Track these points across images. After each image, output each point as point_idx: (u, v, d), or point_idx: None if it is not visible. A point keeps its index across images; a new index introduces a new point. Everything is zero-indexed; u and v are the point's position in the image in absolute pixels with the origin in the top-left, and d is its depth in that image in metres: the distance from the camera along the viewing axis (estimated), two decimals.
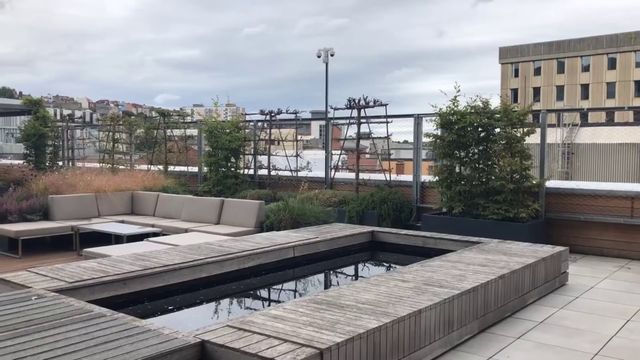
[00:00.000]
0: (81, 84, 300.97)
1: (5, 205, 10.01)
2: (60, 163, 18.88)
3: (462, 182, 9.91)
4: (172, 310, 6.19)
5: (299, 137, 14.11)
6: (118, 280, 5.89)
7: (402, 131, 12.42)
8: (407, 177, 11.98)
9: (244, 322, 4.39)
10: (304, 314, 4.62)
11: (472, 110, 9.89)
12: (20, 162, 20.78)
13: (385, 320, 4.41)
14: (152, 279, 6.18)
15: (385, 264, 9.06)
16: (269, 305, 6.67)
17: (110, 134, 17.06)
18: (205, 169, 14.11)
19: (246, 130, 14.29)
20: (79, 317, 4.51)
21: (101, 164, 16.61)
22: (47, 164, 18.89)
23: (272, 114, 13.61)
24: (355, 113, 11.96)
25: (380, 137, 11.96)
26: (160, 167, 15.42)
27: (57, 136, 19.35)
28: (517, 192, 9.34)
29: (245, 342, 3.93)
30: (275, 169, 13.63)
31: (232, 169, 13.67)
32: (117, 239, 9.39)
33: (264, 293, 7.38)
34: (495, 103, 10.11)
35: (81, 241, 9.65)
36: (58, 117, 20.30)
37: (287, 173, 13.32)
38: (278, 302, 6.66)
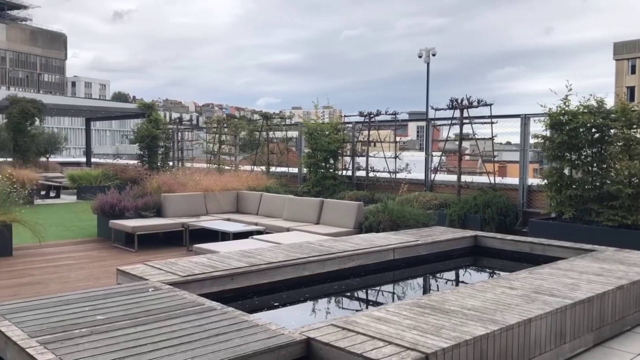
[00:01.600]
0: (188, 88, 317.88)
1: (123, 202, 10.78)
2: (171, 163, 20.05)
3: (573, 186, 9.36)
4: (276, 307, 6.36)
5: (397, 139, 14.00)
6: (226, 276, 6.15)
7: (506, 132, 11.96)
8: (513, 180, 11.50)
9: (348, 322, 4.42)
10: (407, 317, 4.58)
11: (585, 110, 9.31)
12: (135, 162, 22.33)
13: (492, 328, 4.26)
14: (258, 276, 6.40)
15: (489, 270, 8.76)
16: (369, 306, 6.67)
17: (217, 136, 17.86)
18: (304, 170, 14.39)
19: (344, 132, 14.41)
20: (192, 310, 4.76)
21: (208, 165, 17.43)
22: (159, 164, 20.15)
23: (371, 115, 13.61)
24: (457, 113, 11.67)
25: (484, 139, 11.59)
26: (263, 167, 15.93)
27: (168, 138, 20.58)
28: (636, 197, 8.68)
29: (349, 342, 3.96)
30: (374, 171, 13.61)
31: (331, 170, 13.83)
32: (224, 236, 9.80)
33: (364, 294, 7.40)
34: (610, 102, 9.47)
35: (190, 237, 10.18)
36: (168, 120, 21.55)
37: (385, 175, 13.26)
38: (378, 304, 6.64)
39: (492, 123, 11.28)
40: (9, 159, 20.10)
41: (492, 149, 11.73)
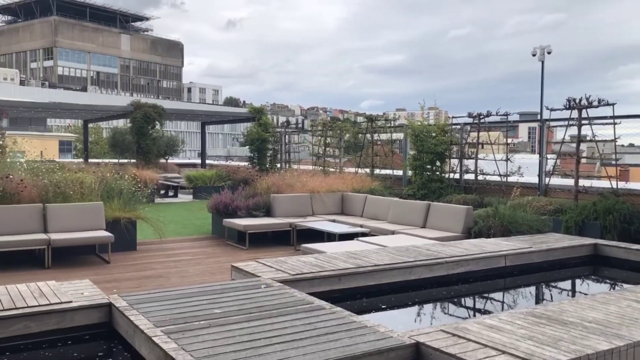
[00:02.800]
0: (295, 92, 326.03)
1: (235, 202, 11.28)
2: (279, 165, 20.66)
3: None
4: (383, 309, 6.36)
5: (508, 140, 13.44)
6: (334, 276, 6.24)
7: (630, 133, 11.09)
8: (638, 185, 10.64)
9: (458, 328, 4.33)
10: (522, 326, 4.39)
11: None
12: (245, 163, 23.27)
13: (618, 344, 3.98)
14: (365, 277, 6.43)
15: (610, 281, 8.17)
16: (479, 314, 6.46)
17: (322, 138, 18.16)
18: (409, 172, 14.23)
19: (452, 133, 14.07)
20: (302, 308, 4.88)
21: (314, 166, 17.76)
22: (268, 165, 20.85)
23: (481, 117, 13.18)
24: (574, 114, 10.99)
25: (606, 140, 10.81)
26: (367, 170, 15.96)
27: (276, 140, 21.22)
28: None
29: (460, 349, 3.87)
30: (483, 174, 13.17)
31: (437, 173, 13.55)
32: (330, 236, 9.95)
33: (473, 301, 7.18)
34: None
35: (297, 237, 10.44)
36: (277, 124, 22.22)
37: (496, 178, 12.77)
38: (488, 312, 6.42)
39: (614, 124, 10.50)
40: (133, 160, 21.70)
41: (614, 152, 10.91)
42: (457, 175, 13.72)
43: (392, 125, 16.84)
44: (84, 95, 69.73)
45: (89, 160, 26.38)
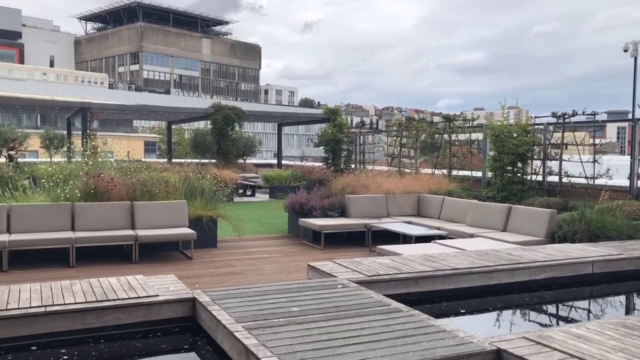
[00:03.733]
0: (369, 93, 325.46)
1: (311, 202, 11.41)
2: (353, 165, 20.68)
3: None
4: (462, 314, 6.23)
5: (595, 141, 12.76)
6: (410, 279, 6.18)
7: None
8: None
9: (542, 336, 4.17)
10: (612, 337, 4.17)
11: None
12: (319, 164, 23.47)
13: None
14: (442, 281, 6.32)
15: None
16: (564, 322, 6.19)
17: (397, 139, 18.01)
18: (489, 173, 13.83)
19: (534, 134, 13.53)
20: (379, 309, 4.87)
21: (389, 167, 17.65)
22: (342, 166, 20.93)
23: (565, 116, 12.60)
24: None
25: None
26: (444, 171, 15.67)
27: (351, 141, 21.26)
28: None
29: (545, 358, 3.73)
30: (568, 176, 12.58)
31: (518, 175, 13.08)
32: (405, 238, 9.85)
33: (556, 309, 6.88)
34: None
35: (372, 238, 10.41)
36: (351, 124, 22.23)
37: (582, 180, 12.17)
38: (574, 320, 6.13)
39: None
40: (213, 160, 22.43)
41: None
42: (539, 177, 13.20)
43: (470, 125, 16.41)
44: (167, 98, 72.92)
45: (172, 160, 27.54)
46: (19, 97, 32.51)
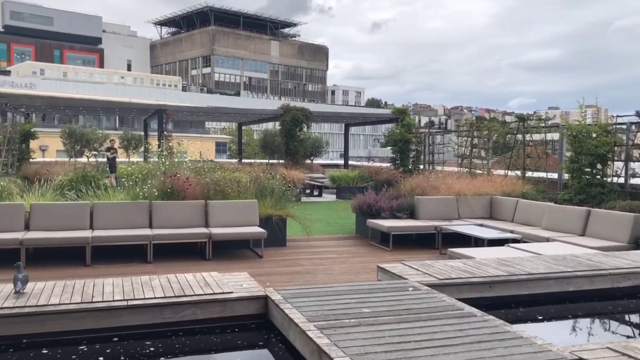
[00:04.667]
0: (437, 92, 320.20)
1: (379, 203, 11.36)
2: (422, 166, 20.40)
3: None
4: (538, 320, 6.01)
5: None
6: (484, 283, 6.03)
7: None
8: None
9: (628, 347, 3.96)
10: None
11: None
12: (386, 165, 23.32)
13: None
14: (517, 286, 6.13)
15: None
16: None
17: (468, 139, 17.61)
18: (566, 175, 13.25)
19: (615, 134, 12.85)
20: (452, 313, 4.78)
21: (459, 168, 17.28)
22: (410, 166, 20.70)
23: None
24: None
25: None
26: (518, 172, 15.16)
27: (420, 141, 20.98)
28: None
29: None
30: None
31: (598, 177, 12.46)
32: (477, 241, 9.62)
33: None
34: None
35: (442, 240, 10.24)
36: (418, 124, 21.93)
37: None
38: None
39: None
40: (281, 161, 22.77)
41: None
42: (621, 180, 12.53)
43: (546, 125, 15.81)
44: (237, 100, 74.64)
45: (242, 160, 28.18)
46: (100, 99, 34.24)
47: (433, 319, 4.62)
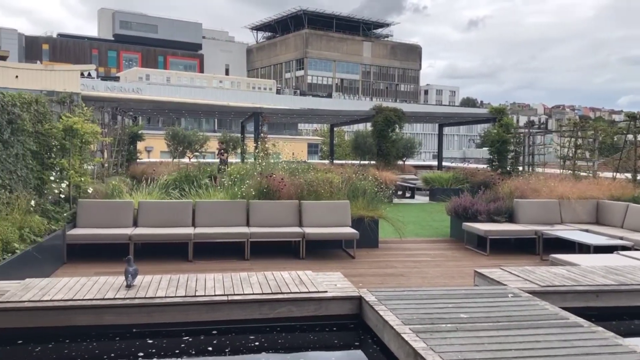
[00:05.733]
0: (537, 91, 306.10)
1: (475, 205, 11.02)
2: (521, 168, 19.56)
3: None
4: None
5: None
6: (591, 292, 5.69)
7: None
8: None
9: None
10: None
11: None
12: (482, 166, 22.58)
13: None
14: (629, 296, 5.72)
15: None
16: None
17: (572, 139, 16.66)
18: None
19: None
20: (555, 322, 4.55)
21: (561, 170, 16.40)
22: (509, 168, 19.91)
23: None
24: None
25: None
26: (628, 174, 14.13)
27: (519, 142, 20.13)
28: None
29: None
30: None
31: None
32: (581, 248, 9.08)
33: None
34: None
35: (543, 246, 9.76)
36: (518, 124, 21.05)
37: None
38: None
39: None
40: (373, 162, 22.70)
41: None
42: None
43: None
44: (329, 101, 75.50)
45: (334, 161, 28.42)
46: (201, 103, 35.94)
47: (535, 327, 4.42)
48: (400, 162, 26.28)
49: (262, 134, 20.44)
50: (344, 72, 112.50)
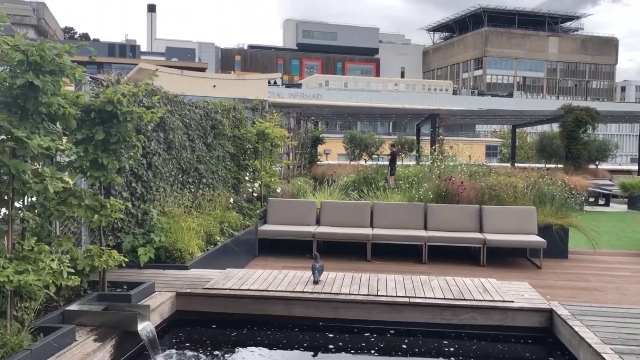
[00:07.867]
0: None
1: None
2: None
3: None
4: None
5: None
6: None
7: None
8: None
9: None
10: None
11: None
12: None
13: None
14: None
15: None
16: None
17: None
18: None
19: None
20: None
21: None
22: None
23: None
24: None
25: None
26: None
27: None
28: None
29: None
30: None
31: None
32: None
33: None
34: None
35: None
36: None
37: None
38: None
39: None
40: (560, 165, 21.09)
41: None
42: None
43: None
44: (509, 101, 71.72)
45: (516, 164, 26.95)
46: (378, 106, 36.56)
47: None
48: (592, 166, 24.09)
49: (440, 136, 20.18)
50: (527, 69, 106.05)
